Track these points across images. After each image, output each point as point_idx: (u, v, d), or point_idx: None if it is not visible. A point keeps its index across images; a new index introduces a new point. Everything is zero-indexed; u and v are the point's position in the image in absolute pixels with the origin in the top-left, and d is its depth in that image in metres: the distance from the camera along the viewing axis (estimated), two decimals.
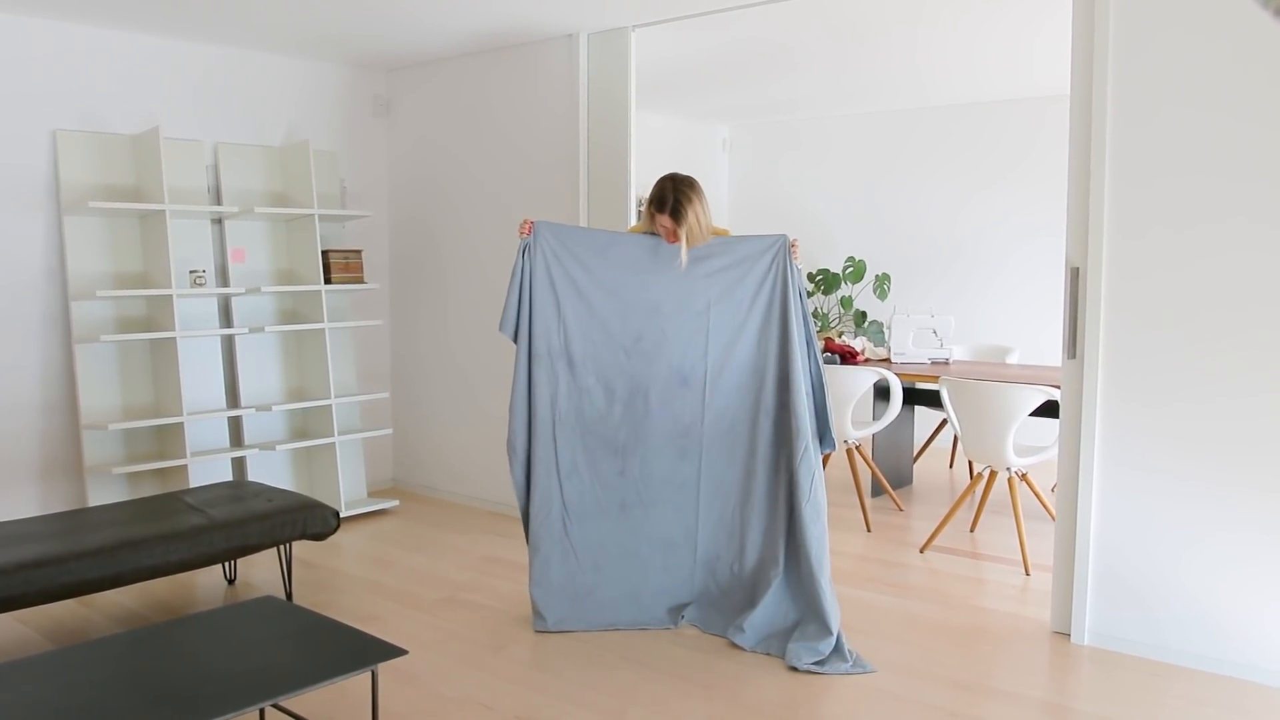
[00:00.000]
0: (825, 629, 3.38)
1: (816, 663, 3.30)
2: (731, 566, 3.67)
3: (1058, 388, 3.73)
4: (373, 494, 5.72)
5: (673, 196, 3.49)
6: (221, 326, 5.04)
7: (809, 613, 3.46)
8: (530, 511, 3.69)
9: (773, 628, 3.50)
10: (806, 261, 7.65)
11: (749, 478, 3.62)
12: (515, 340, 3.71)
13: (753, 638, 3.48)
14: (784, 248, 3.56)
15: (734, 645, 3.50)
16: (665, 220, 3.53)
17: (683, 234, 3.50)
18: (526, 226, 3.64)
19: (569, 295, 3.65)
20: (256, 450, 5.04)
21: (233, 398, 5.12)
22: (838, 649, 3.35)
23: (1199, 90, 3.20)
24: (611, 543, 3.70)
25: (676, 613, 3.69)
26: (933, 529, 4.83)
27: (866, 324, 7.27)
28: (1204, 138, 3.20)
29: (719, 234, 3.67)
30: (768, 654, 3.42)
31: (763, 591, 3.53)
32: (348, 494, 5.38)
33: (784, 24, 4.75)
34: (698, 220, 3.51)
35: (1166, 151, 3.27)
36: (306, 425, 5.36)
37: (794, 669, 3.30)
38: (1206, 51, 3.18)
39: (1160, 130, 3.28)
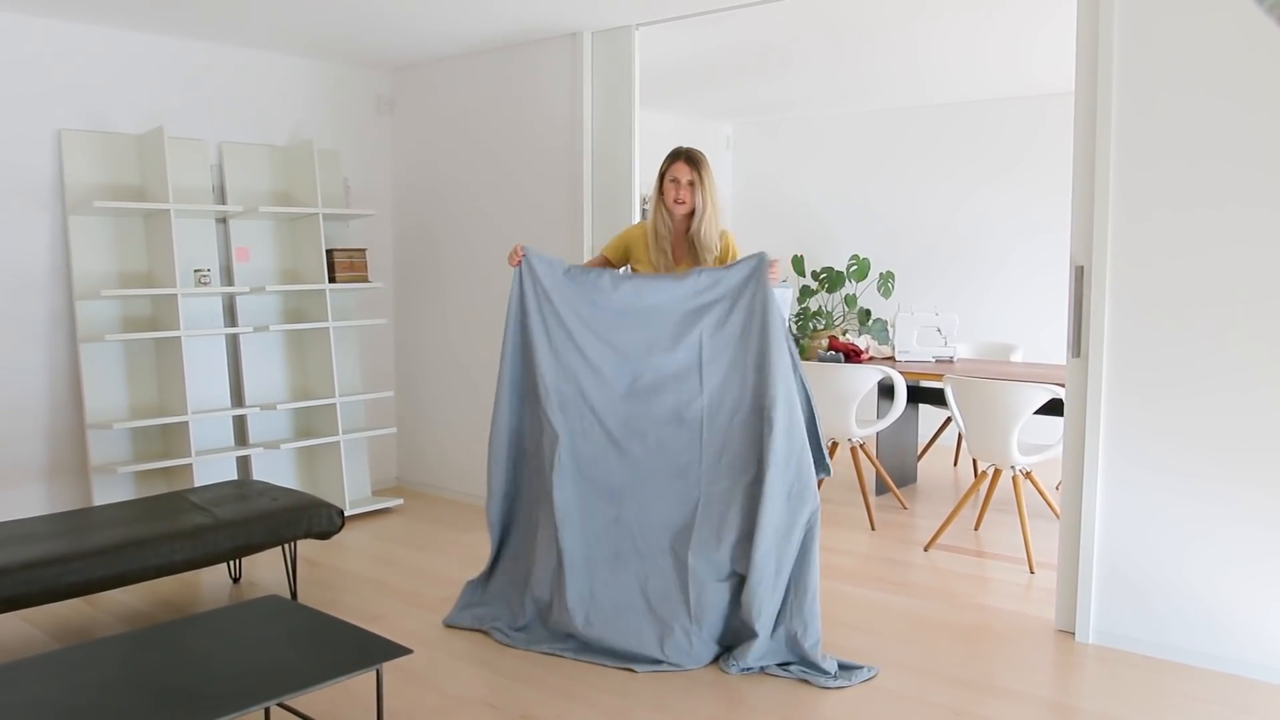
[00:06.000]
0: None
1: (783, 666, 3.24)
2: (728, 620, 3.35)
3: (1062, 386, 3.72)
4: (377, 493, 5.72)
5: (686, 149, 3.59)
6: (226, 325, 5.05)
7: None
8: (509, 537, 3.78)
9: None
10: (811, 259, 7.64)
11: (748, 518, 3.32)
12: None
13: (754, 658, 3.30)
14: (760, 271, 3.37)
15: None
16: (681, 167, 3.53)
17: (703, 179, 3.52)
18: (516, 256, 3.56)
19: (560, 337, 3.53)
20: (261, 449, 5.05)
21: (237, 397, 5.13)
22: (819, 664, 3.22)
23: (1205, 75, 3.19)
24: (604, 597, 3.41)
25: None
26: (937, 527, 4.83)
27: (871, 322, 7.26)
28: (1210, 123, 3.19)
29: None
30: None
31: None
32: (352, 493, 5.38)
33: (787, 22, 4.75)
34: (711, 182, 3.56)
35: (1172, 136, 3.26)
36: (311, 424, 5.37)
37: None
38: (1213, 37, 3.16)
39: (1166, 115, 3.26)
